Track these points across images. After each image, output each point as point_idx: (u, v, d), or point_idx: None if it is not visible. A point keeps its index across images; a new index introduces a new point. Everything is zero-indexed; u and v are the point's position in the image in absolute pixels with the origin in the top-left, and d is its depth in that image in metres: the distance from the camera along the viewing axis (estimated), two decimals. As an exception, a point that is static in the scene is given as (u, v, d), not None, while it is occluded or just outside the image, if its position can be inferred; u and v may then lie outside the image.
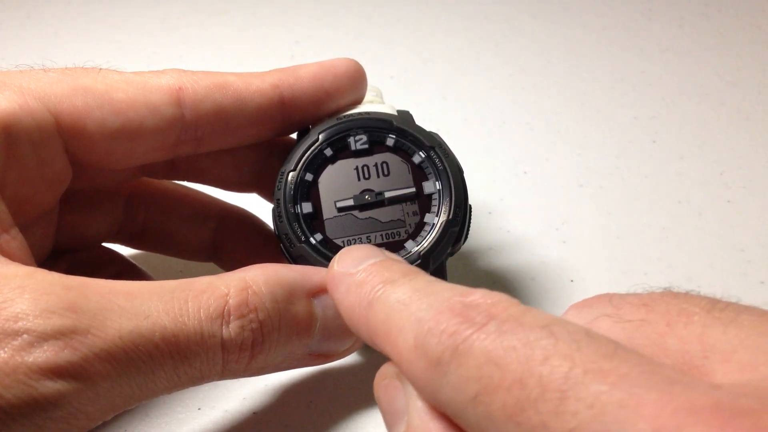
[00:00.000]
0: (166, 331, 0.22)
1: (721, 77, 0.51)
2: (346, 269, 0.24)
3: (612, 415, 0.14)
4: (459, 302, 0.19)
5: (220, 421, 0.31)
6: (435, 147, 0.31)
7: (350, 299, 0.23)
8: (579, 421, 0.15)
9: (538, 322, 0.17)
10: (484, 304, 0.18)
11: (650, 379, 0.15)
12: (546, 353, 0.16)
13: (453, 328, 0.18)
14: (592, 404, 0.15)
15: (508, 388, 0.16)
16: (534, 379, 0.16)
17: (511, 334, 0.17)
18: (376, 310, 0.21)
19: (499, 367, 0.16)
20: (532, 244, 0.39)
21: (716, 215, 0.40)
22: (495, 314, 0.18)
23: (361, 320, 0.22)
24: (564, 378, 0.15)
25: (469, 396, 0.17)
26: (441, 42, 0.57)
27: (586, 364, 0.16)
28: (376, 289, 0.22)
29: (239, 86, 0.29)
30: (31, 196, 0.27)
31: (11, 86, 0.26)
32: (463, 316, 0.18)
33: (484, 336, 0.17)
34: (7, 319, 0.20)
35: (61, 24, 0.61)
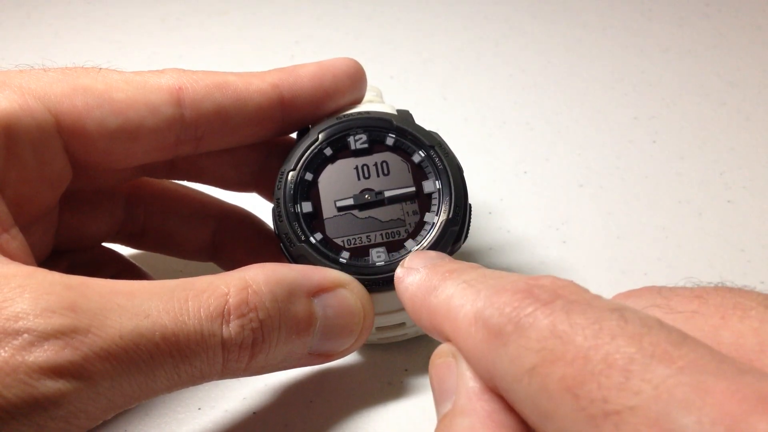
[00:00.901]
0: (167, 330, 0.22)
1: (721, 77, 0.51)
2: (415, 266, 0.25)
3: (678, 398, 0.14)
4: (525, 283, 0.19)
5: (220, 421, 0.31)
6: (435, 146, 0.31)
7: (414, 287, 0.23)
8: (642, 400, 0.15)
9: (609, 306, 0.17)
10: (551, 285, 0.19)
11: (719, 368, 0.15)
12: (614, 333, 0.16)
13: (517, 303, 0.18)
14: (657, 385, 0.15)
15: (571, 361, 0.16)
16: (599, 355, 0.16)
17: (579, 312, 0.17)
18: (439, 293, 0.22)
19: (562, 341, 0.16)
20: (532, 244, 0.39)
21: (716, 215, 0.40)
22: (562, 295, 0.18)
23: (423, 304, 0.22)
24: (630, 358, 0.15)
25: (527, 367, 0.17)
26: (441, 42, 0.57)
27: (654, 347, 0.15)
28: (443, 275, 0.22)
29: (239, 86, 0.29)
30: (31, 196, 0.27)
31: (11, 86, 0.26)
32: (528, 292, 0.18)
33: (549, 311, 0.17)
34: (8, 318, 0.20)
35: (61, 24, 0.61)
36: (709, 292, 0.20)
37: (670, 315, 0.19)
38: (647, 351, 0.15)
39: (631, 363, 0.15)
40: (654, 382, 0.15)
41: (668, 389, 0.14)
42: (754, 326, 0.18)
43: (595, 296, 0.18)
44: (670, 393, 0.14)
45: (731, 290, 0.20)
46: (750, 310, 0.18)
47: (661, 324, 0.16)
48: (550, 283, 0.19)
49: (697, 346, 0.16)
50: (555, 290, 0.18)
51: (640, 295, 0.21)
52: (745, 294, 0.19)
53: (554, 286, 0.19)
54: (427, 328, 0.23)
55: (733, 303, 0.19)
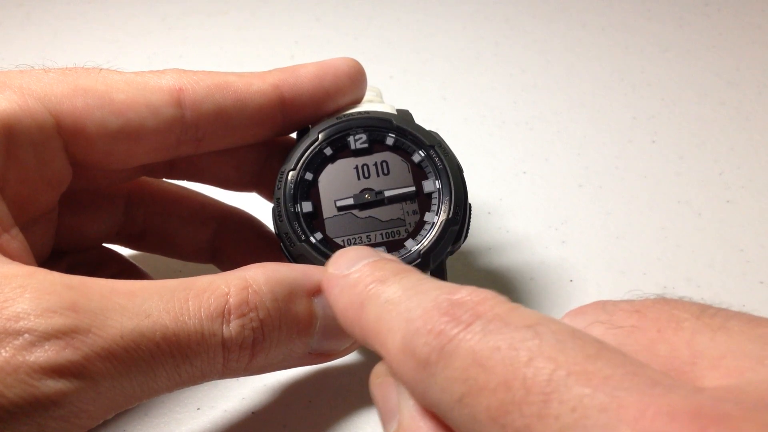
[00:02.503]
0: (167, 330, 0.22)
1: (721, 77, 0.51)
2: (340, 271, 0.24)
3: (594, 419, 0.14)
4: (446, 300, 0.19)
5: (219, 421, 0.31)
6: (435, 146, 0.31)
7: (344, 300, 0.23)
8: (562, 425, 0.15)
9: (524, 321, 0.17)
10: (470, 302, 0.18)
11: (632, 381, 0.15)
12: (530, 354, 0.16)
13: (439, 328, 0.18)
14: (574, 407, 0.15)
15: (493, 390, 0.16)
16: (518, 381, 0.16)
17: (496, 333, 0.17)
18: (368, 311, 0.21)
19: (484, 369, 0.17)
20: (532, 243, 0.39)
21: (715, 215, 0.40)
22: (481, 313, 0.18)
23: (355, 321, 0.22)
24: (547, 380, 0.15)
25: (456, 397, 0.17)
26: (441, 42, 0.57)
27: (569, 365, 0.16)
28: (368, 288, 0.22)
29: (240, 86, 0.29)
30: (31, 196, 0.27)
31: (11, 87, 0.26)
32: (449, 315, 0.18)
33: (470, 336, 0.17)
34: (9, 318, 0.20)
35: (61, 24, 0.61)
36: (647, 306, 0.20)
37: (612, 330, 0.19)
38: (563, 370, 0.15)
39: (548, 385, 0.15)
40: (571, 404, 0.15)
41: (585, 411, 0.15)
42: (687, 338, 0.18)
43: (511, 309, 0.18)
44: (586, 415, 0.14)
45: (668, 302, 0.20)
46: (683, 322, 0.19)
47: (575, 336, 0.17)
48: (469, 298, 0.19)
49: (611, 357, 0.16)
50: (474, 307, 0.18)
51: (585, 312, 0.21)
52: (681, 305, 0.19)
53: (473, 302, 0.18)
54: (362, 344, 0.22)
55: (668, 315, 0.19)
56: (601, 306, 0.21)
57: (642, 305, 0.20)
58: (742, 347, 0.17)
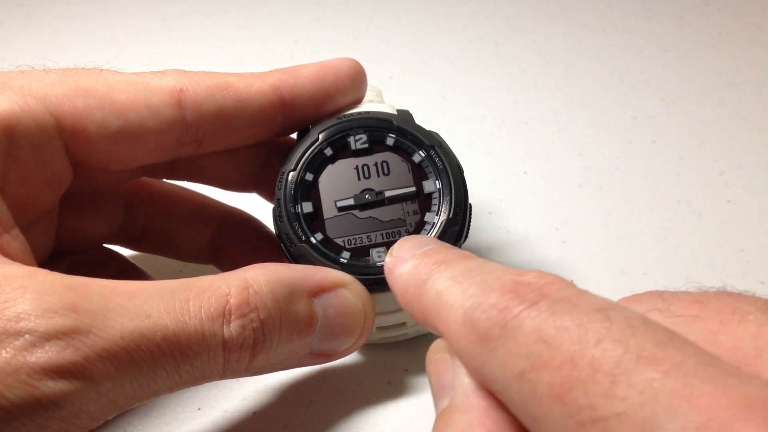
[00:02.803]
0: (168, 330, 0.22)
1: (721, 77, 0.51)
2: (403, 254, 0.24)
3: (664, 403, 0.14)
4: (511, 280, 0.19)
5: (219, 421, 0.31)
6: (435, 146, 0.31)
7: (404, 280, 0.23)
8: (628, 406, 0.14)
9: (593, 305, 0.17)
10: (537, 283, 0.18)
11: (706, 371, 0.15)
12: (599, 336, 0.16)
13: (503, 304, 0.18)
14: (643, 390, 0.15)
15: (558, 367, 0.16)
16: (585, 360, 0.16)
17: (564, 313, 0.17)
18: (429, 288, 0.22)
19: (549, 346, 0.16)
20: (532, 243, 0.39)
21: (716, 215, 0.40)
22: (548, 294, 0.18)
23: (414, 299, 0.22)
24: (616, 362, 0.15)
25: (516, 372, 0.17)
26: (441, 42, 0.57)
27: (639, 350, 0.15)
28: (431, 269, 0.22)
29: (240, 87, 0.29)
30: (31, 197, 0.27)
31: (12, 87, 0.26)
32: (514, 292, 0.18)
33: (535, 313, 0.17)
34: (9, 319, 0.20)
35: (61, 24, 0.61)
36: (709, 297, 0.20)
37: (670, 319, 0.19)
38: (633, 354, 0.15)
39: (616, 367, 0.15)
40: (640, 387, 0.15)
41: (654, 394, 0.14)
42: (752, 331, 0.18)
43: (580, 293, 0.18)
44: (655, 398, 0.14)
45: (731, 295, 0.20)
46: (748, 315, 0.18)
47: (647, 323, 0.16)
48: (535, 280, 0.19)
49: (683, 347, 0.16)
50: (540, 288, 0.18)
51: (642, 299, 0.21)
52: (745, 299, 0.19)
53: (540, 283, 0.18)
54: (422, 323, 0.23)
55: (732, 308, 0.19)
56: (658, 295, 0.21)
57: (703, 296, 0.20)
58: None
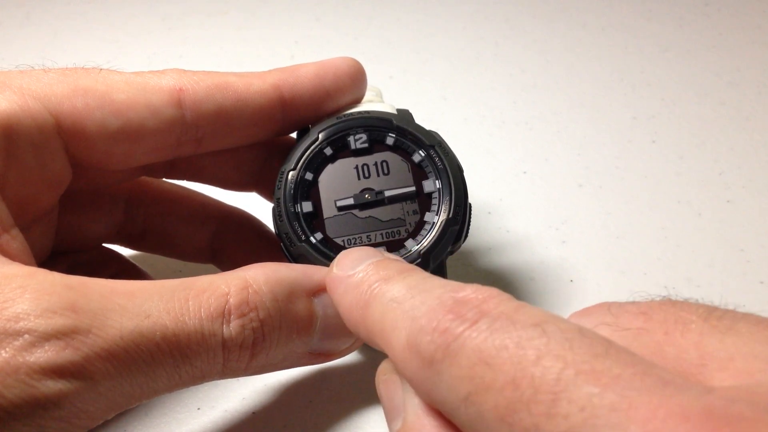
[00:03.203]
0: (167, 330, 0.22)
1: (721, 77, 0.51)
2: (344, 271, 0.24)
3: (604, 419, 0.14)
4: (450, 298, 0.19)
5: (219, 421, 0.31)
6: (435, 146, 0.31)
7: (348, 300, 0.23)
8: (570, 424, 0.15)
9: (531, 320, 0.17)
10: (475, 299, 0.18)
11: (643, 381, 0.15)
12: (538, 353, 0.16)
13: (444, 325, 0.18)
14: (583, 407, 0.15)
15: (501, 388, 0.16)
16: (526, 380, 0.16)
17: (502, 332, 0.17)
18: (372, 309, 0.21)
19: (491, 368, 0.16)
20: (532, 243, 0.39)
21: (716, 215, 0.40)
22: (486, 311, 0.18)
23: (359, 320, 0.22)
24: (556, 379, 0.15)
25: (462, 395, 0.17)
26: (441, 42, 0.57)
27: (578, 364, 0.15)
28: (372, 288, 0.22)
29: (240, 87, 0.29)
30: (31, 197, 0.27)
31: (12, 87, 0.26)
32: (454, 312, 0.18)
33: (475, 334, 0.17)
34: (9, 319, 0.20)
35: (61, 24, 0.61)
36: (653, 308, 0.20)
37: (618, 332, 0.19)
38: (572, 369, 0.15)
39: (557, 384, 0.15)
40: (580, 403, 0.15)
41: (594, 410, 0.14)
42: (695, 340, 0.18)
43: (518, 307, 0.18)
44: (596, 414, 0.14)
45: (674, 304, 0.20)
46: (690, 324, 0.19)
47: (583, 334, 0.16)
48: (474, 296, 0.19)
49: (619, 356, 0.16)
50: (479, 305, 0.18)
51: (590, 313, 0.21)
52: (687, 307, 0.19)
53: (478, 300, 0.18)
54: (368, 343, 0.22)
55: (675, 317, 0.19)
56: (606, 307, 0.21)
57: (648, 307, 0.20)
58: (751, 349, 0.17)
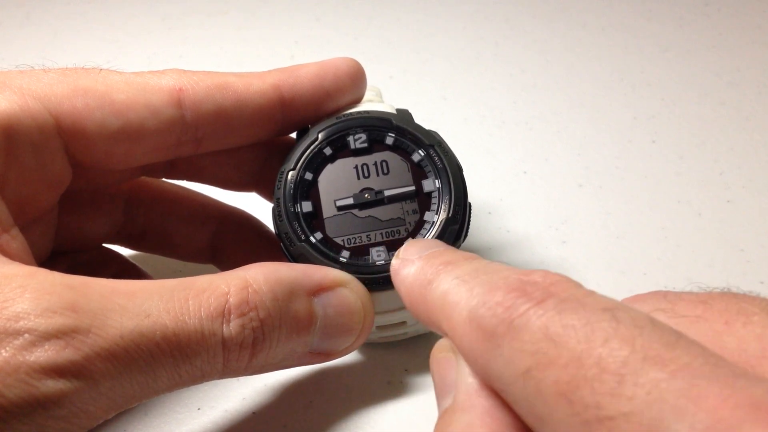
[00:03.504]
0: (167, 330, 0.22)
1: (721, 77, 0.51)
2: (410, 256, 0.24)
3: (671, 403, 0.14)
4: (517, 279, 0.19)
5: (219, 421, 0.31)
6: (434, 145, 0.31)
7: (410, 280, 0.23)
8: (634, 406, 0.14)
9: (601, 305, 0.17)
10: (543, 282, 0.18)
11: (713, 372, 0.15)
12: (606, 335, 0.16)
13: (509, 302, 0.18)
14: (650, 390, 0.14)
15: (564, 365, 0.16)
16: (592, 359, 0.16)
17: (571, 312, 0.17)
18: (434, 288, 0.22)
19: (555, 344, 0.16)
20: (532, 243, 0.39)
21: (716, 215, 0.40)
22: (554, 293, 0.18)
23: (420, 299, 0.22)
24: (623, 362, 0.15)
25: (521, 370, 0.17)
26: (441, 42, 0.57)
27: (646, 350, 0.15)
28: (437, 269, 0.22)
29: (239, 87, 0.29)
30: (31, 197, 0.27)
31: (11, 87, 0.26)
32: (520, 290, 0.18)
33: (542, 312, 0.17)
34: (9, 318, 0.20)
35: (61, 24, 0.61)
36: (714, 298, 0.20)
37: (674, 319, 0.19)
38: (640, 354, 0.15)
39: (623, 367, 0.15)
40: (647, 387, 0.15)
41: (661, 394, 0.14)
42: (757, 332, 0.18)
43: (587, 293, 0.18)
44: (662, 398, 0.14)
45: (736, 296, 0.20)
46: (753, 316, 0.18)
47: (654, 323, 0.16)
48: (542, 279, 0.19)
49: (690, 347, 0.16)
50: (547, 287, 0.18)
51: (645, 299, 0.21)
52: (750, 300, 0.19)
53: (546, 283, 0.18)
54: (426, 323, 0.23)
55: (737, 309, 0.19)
56: (662, 295, 0.21)
57: (708, 297, 0.20)
58: None
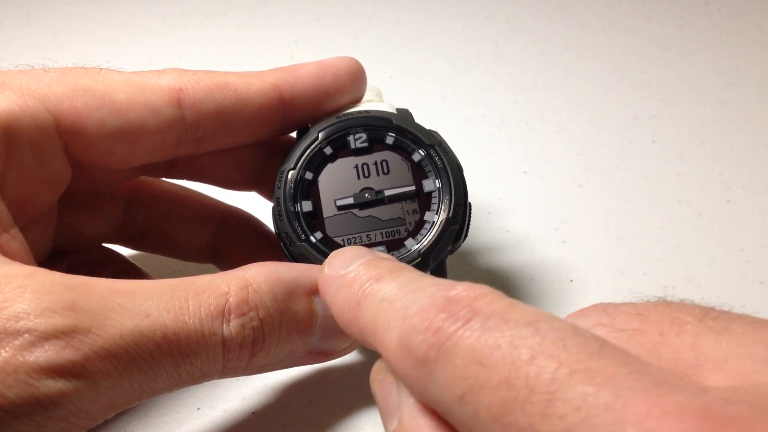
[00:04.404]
0: (167, 329, 0.22)
1: (721, 77, 0.51)
2: (335, 271, 0.24)
3: (599, 419, 0.14)
4: (442, 296, 0.19)
5: (219, 421, 0.31)
6: (434, 145, 0.31)
7: (340, 300, 0.23)
8: (566, 425, 0.15)
9: (523, 318, 0.17)
10: (467, 297, 0.18)
11: (638, 380, 0.15)
12: (532, 352, 0.16)
13: (437, 325, 0.18)
14: (579, 407, 0.15)
15: (495, 388, 0.16)
16: (521, 380, 0.16)
17: (495, 331, 0.17)
18: (364, 309, 0.21)
19: (485, 367, 0.16)
20: (532, 243, 0.39)
21: (716, 215, 0.40)
22: (478, 309, 0.18)
23: (352, 320, 0.22)
24: (551, 379, 0.15)
25: (456, 395, 0.17)
26: (441, 42, 0.57)
27: (572, 363, 0.15)
28: (364, 287, 0.22)
29: (239, 86, 0.29)
30: (30, 197, 0.27)
31: (11, 87, 0.26)
32: (446, 311, 0.18)
33: (468, 333, 0.17)
34: (9, 318, 0.20)
35: (61, 24, 0.61)
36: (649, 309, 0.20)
37: (614, 333, 0.19)
38: (566, 368, 0.15)
39: (551, 384, 0.15)
40: (575, 403, 0.15)
41: (590, 410, 0.14)
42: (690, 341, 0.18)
43: (510, 305, 0.18)
44: (591, 414, 0.14)
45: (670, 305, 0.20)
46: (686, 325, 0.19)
47: (576, 332, 0.16)
48: (466, 295, 0.18)
49: (614, 355, 0.16)
50: (471, 304, 0.18)
51: (587, 314, 0.21)
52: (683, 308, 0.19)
53: (470, 298, 0.18)
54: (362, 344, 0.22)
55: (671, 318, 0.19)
56: (602, 308, 0.21)
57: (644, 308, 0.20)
58: (746, 350, 0.17)
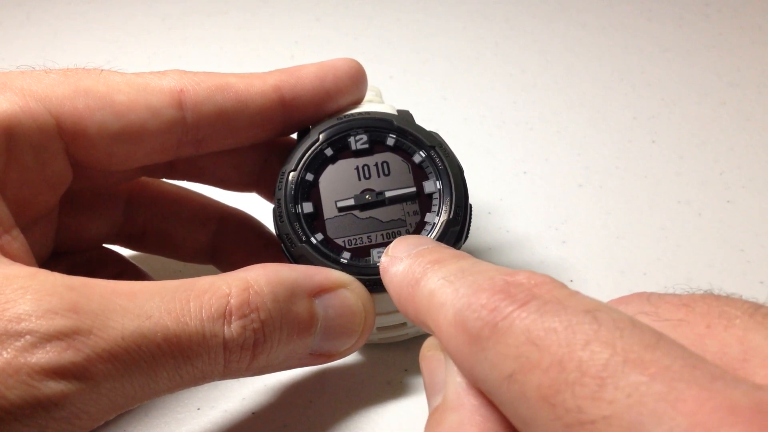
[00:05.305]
0: (168, 331, 0.22)
1: (721, 77, 0.51)
2: (399, 254, 0.24)
3: (650, 407, 0.14)
4: (502, 280, 0.19)
5: (219, 421, 0.31)
6: (435, 146, 0.31)
7: (398, 280, 0.23)
8: (615, 409, 0.15)
9: (582, 306, 0.17)
10: (527, 283, 0.19)
11: (692, 374, 0.15)
12: (587, 338, 0.16)
13: (493, 305, 0.18)
14: (630, 394, 0.15)
15: (546, 369, 0.16)
16: (573, 363, 0.16)
17: (553, 315, 0.17)
18: (422, 287, 0.22)
19: (538, 348, 0.16)
20: (532, 243, 0.39)
21: (716, 215, 0.40)
22: (538, 294, 0.18)
23: (408, 299, 0.23)
24: (604, 365, 0.15)
25: (505, 374, 0.17)
26: (441, 42, 0.57)
27: (627, 353, 0.15)
28: (424, 268, 0.22)
29: (240, 88, 0.29)
30: (31, 197, 0.27)
31: (12, 88, 0.26)
32: (505, 292, 0.18)
33: (525, 314, 0.17)
34: (10, 320, 0.20)
35: (61, 24, 0.61)
36: (696, 300, 0.20)
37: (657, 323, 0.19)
38: (620, 356, 0.15)
39: (604, 370, 0.15)
40: (627, 391, 0.15)
41: (641, 398, 0.14)
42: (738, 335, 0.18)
43: (570, 294, 0.18)
44: (642, 402, 0.14)
45: (718, 298, 0.20)
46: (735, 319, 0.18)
47: (634, 324, 0.16)
48: (526, 280, 0.19)
49: (670, 349, 0.16)
50: (530, 289, 0.18)
51: (629, 301, 0.21)
52: (731, 302, 0.19)
53: (530, 284, 0.19)
54: (415, 322, 0.23)
55: (719, 311, 0.19)
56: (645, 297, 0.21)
57: (690, 299, 0.20)
58: None
